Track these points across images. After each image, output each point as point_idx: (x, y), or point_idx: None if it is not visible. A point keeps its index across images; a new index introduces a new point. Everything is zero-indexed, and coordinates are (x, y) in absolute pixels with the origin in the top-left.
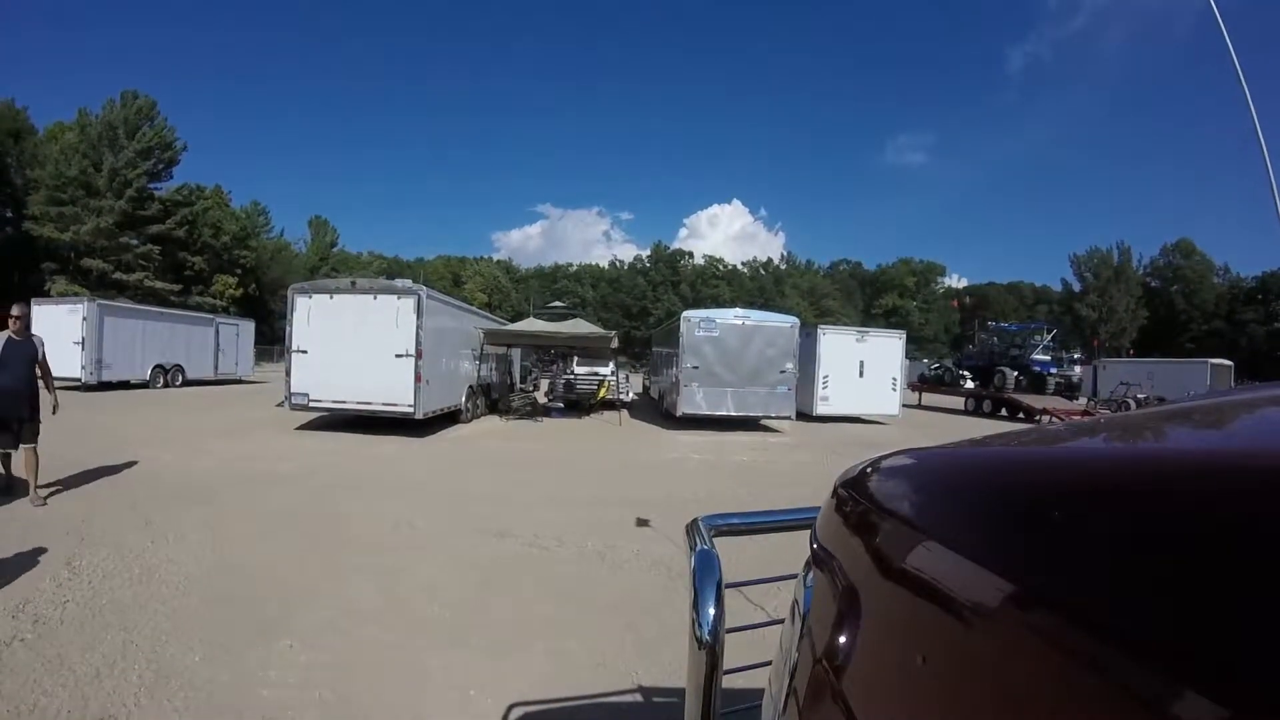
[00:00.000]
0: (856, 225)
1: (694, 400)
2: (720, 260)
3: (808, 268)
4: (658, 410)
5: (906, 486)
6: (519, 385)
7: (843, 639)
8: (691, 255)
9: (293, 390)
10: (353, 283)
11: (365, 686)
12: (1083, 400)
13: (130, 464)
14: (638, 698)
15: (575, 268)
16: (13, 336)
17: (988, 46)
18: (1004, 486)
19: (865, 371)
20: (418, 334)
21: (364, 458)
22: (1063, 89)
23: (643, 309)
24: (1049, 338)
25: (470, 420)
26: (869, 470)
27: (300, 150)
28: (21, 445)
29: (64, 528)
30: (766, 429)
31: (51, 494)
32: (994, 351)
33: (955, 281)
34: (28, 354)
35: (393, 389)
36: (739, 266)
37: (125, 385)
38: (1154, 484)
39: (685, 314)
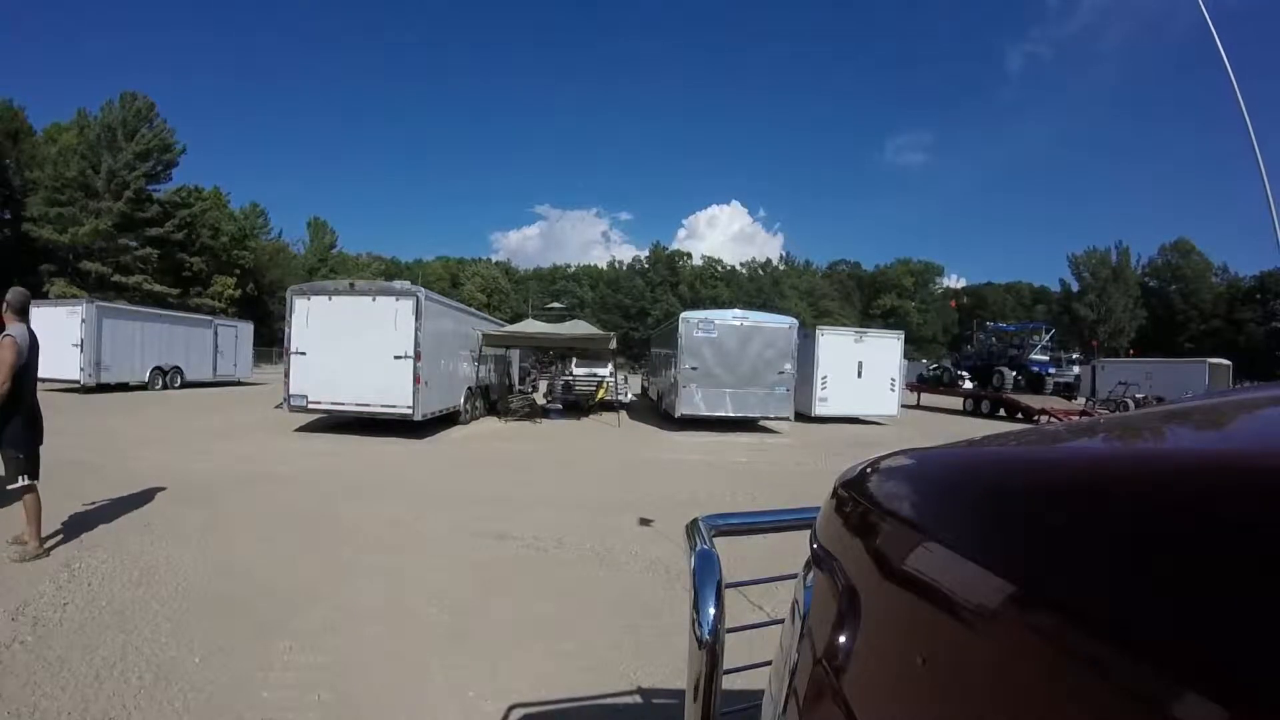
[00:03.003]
0: (855, 226)
1: (693, 401)
2: (719, 261)
3: (806, 268)
4: (656, 411)
5: (906, 487)
6: (518, 386)
7: (843, 639)
8: (690, 256)
9: (291, 392)
10: (351, 284)
11: (365, 687)
12: (1081, 400)
13: (129, 466)
14: (637, 698)
15: (574, 269)
16: None
17: (986, 46)
18: (1003, 486)
19: (864, 372)
20: (416, 336)
21: (363, 459)
22: (1061, 89)
23: (641, 310)
24: (1047, 338)
25: (469, 422)
26: (869, 470)
27: (299, 151)
28: None
29: (63, 530)
30: (765, 430)
31: (50, 538)
32: (992, 352)
33: (953, 282)
34: None
35: (391, 391)
36: (737, 267)
37: (124, 387)
38: (1153, 484)
39: (684, 315)
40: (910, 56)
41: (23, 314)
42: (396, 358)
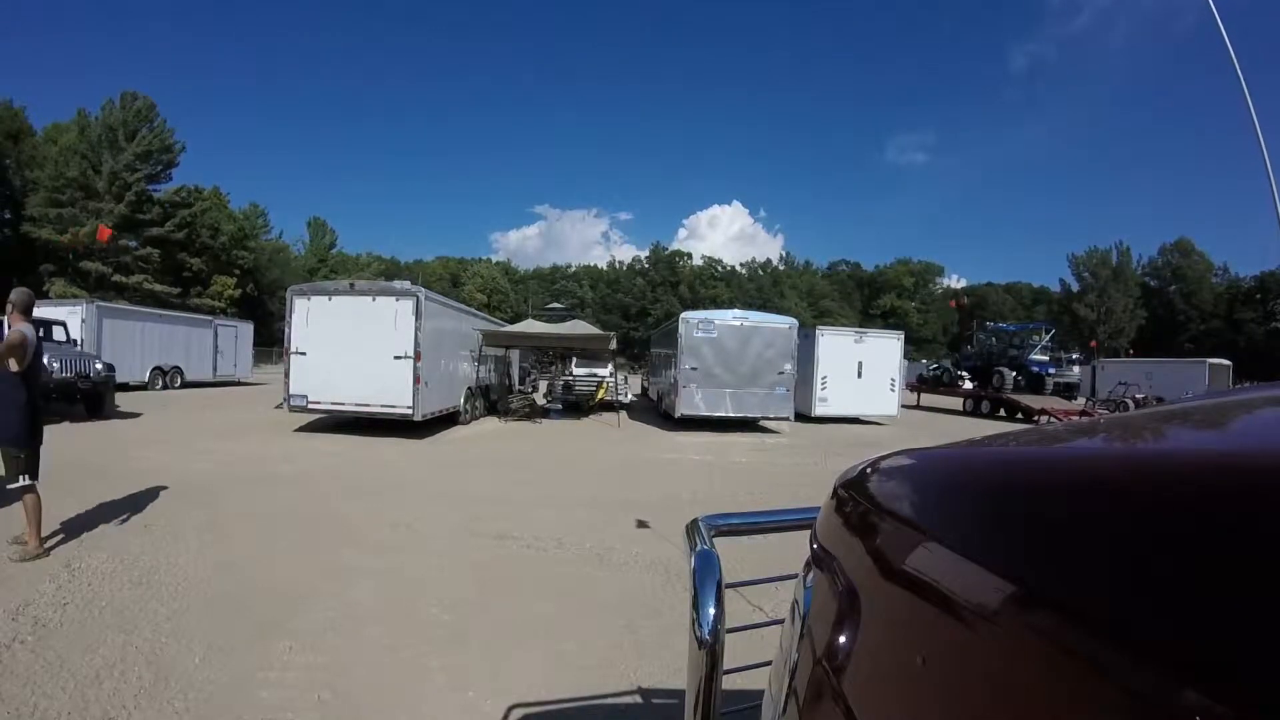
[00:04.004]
0: (855, 226)
1: (692, 401)
2: (719, 261)
3: (806, 268)
4: (656, 411)
5: (906, 487)
6: (518, 387)
7: (843, 639)
8: (690, 256)
9: (291, 392)
10: (351, 284)
11: (364, 687)
12: (1081, 400)
13: (129, 465)
14: (637, 698)
15: (574, 269)
16: None
17: (988, 46)
18: (1004, 486)
19: (864, 372)
20: (416, 336)
21: (363, 459)
22: (1062, 88)
23: (641, 310)
24: (1047, 338)
25: (469, 422)
26: (869, 470)
27: (299, 151)
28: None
29: (63, 530)
30: (765, 430)
31: (50, 538)
32: (992, 352)
33: (954, 282)
34: None
35: (391, 391)
36: (738, 268)
37: (124, 387)
38: (1153, 484)
39: (684, 315)
40: (911, 56)
41: (28, 314)
42: (396, 358)
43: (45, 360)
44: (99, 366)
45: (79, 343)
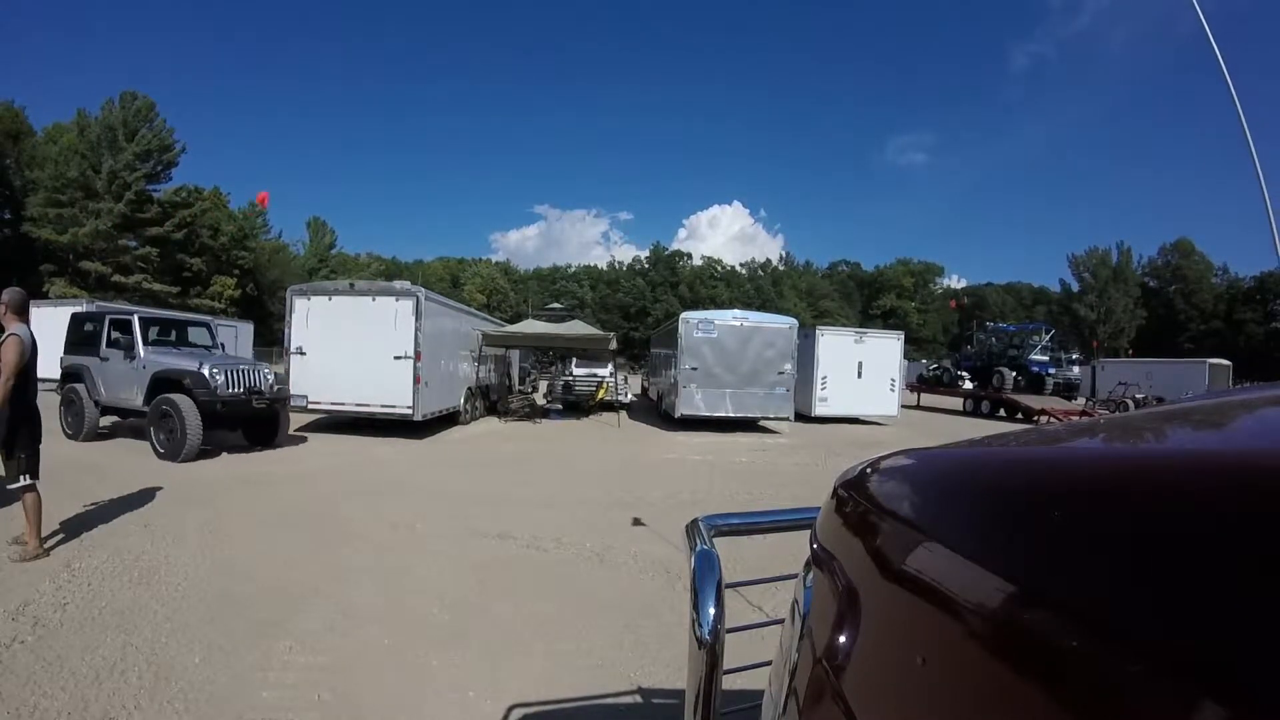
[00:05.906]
0: (855, 226)
1: (693, 401)
2: (719, 261)
3: (806, 269)
4: (656, 412)
5: (906, 487)
6: (518, 387)
7: (843, 639)
8: (690, 256)
9: (291, 392)
10: (351, 284)
11: (365, 687)
12: (1081, 400)
13: (129, 465)
14: (637, 698)
15: (574, 269)
16: None
17: (988, 46)
18: (1004, 486)
19: (864, 372)
20: (416, 336)
21: (363, 459)
22: (1062, 89)
23: (641, 310)
24: (1047, 338)
25: (469, 422)
26: (869, 471)
27: (299, 151)
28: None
29: (63, 530)
30: (765, 430)
31: (50, 538)
32: (992, 352)
33: (953, 282)
34: None
35: (391, 391)
36: (737, 268)
37: None
38: (1153, 484)
39: (684, 315)
40: (911, 56)
41: (22, 314)
42: (396, 358)
43: (208, 374)
44: (270, 379)
45: (224, 347)
